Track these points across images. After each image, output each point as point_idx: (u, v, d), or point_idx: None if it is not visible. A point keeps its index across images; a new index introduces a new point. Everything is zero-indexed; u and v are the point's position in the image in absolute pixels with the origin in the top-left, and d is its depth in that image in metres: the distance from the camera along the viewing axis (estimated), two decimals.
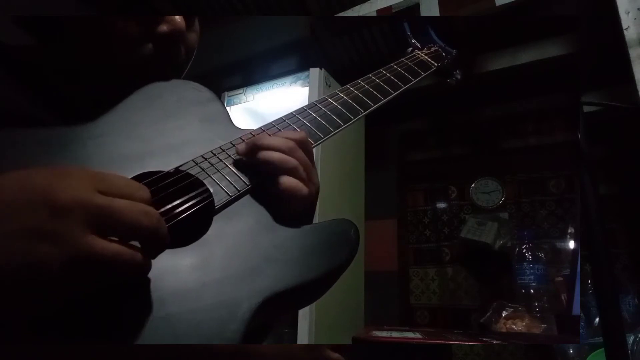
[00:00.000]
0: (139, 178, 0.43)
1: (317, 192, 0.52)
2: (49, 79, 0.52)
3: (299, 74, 1.91)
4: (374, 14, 1.62)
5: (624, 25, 1.11)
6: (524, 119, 2.05)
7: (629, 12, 1.12)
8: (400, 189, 2.24)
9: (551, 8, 1.61)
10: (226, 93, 2.08)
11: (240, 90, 2.06)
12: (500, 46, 1.92)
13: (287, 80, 1.94)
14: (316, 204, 0.52)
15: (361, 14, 1.66)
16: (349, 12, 1.72)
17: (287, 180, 0.47)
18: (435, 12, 1.54)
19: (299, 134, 0.51)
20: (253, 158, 0.48)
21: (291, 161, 0.47)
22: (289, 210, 0.47)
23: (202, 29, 0.61)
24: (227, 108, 2.03)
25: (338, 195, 1.89)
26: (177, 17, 0.55)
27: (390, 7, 1.60)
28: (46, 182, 0.31)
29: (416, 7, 1.58)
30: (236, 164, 0.49)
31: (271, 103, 1.94)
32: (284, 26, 2.01)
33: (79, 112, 0.48)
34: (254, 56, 2.13)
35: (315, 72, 1.84)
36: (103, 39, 0.51)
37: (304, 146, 0.50)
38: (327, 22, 1.97)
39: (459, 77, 0.88)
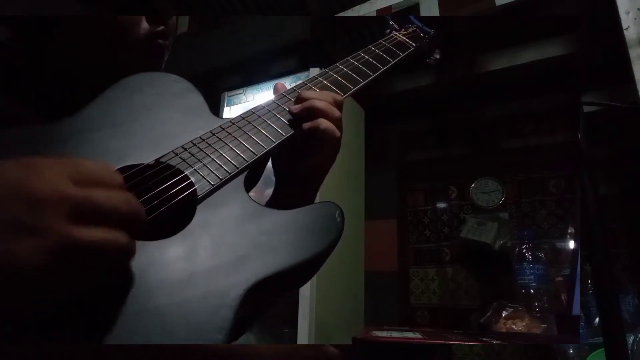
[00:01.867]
0: (119, 172, 0.43)
1: (339, 148, 0.58)
2: (31, 78, 0.52)
3: (299, 74, 1.91)
4: (374, 14, 1.62)
5: (624, 25, 1.11)
6: (524, 119, 2.05)
7: (629, 12, 1.12)
8: (400, 189, 2.24)
9: (551, 8, 1.61)
10: (226, 93, 2.08)
11: (240, 90, 2.06)
12: (500, 46, 1.92)
13: (287, 80, 1.94)
14: (334, 161, 0.59)
15: (361, 14, 1.67)
16: (349, 12, 1.72)
17: (325, 122, 0.54)
18: (435, 12, 1.54)
19: (336, 94, 0.58)
20: (304, 106, 0.55)
21: (336, 111, 0.55)
22: (318, 155, 0.56)
23: (202, 29, 0.62)
24: (227, 108, 2.04)
25: (338, 195, 1.89)
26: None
27: (390, 7, 1.60)
28: (20, 176, 0.30)
29: (416, 7, 1.58)
30: (217, 152, 0.49)
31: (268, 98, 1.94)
32: (284, 26, 2.01)
33: (63, 109, 0.48)
34: (254, 56, 2.13)
35: (315, 72, 1.83)
36: (89, 36, 0.51)
37: (339, 106, 0.57)
38: (327, 22, 1.97)
39: (438, 57, 0.88)
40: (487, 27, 1.82)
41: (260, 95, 2.00)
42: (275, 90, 0.61)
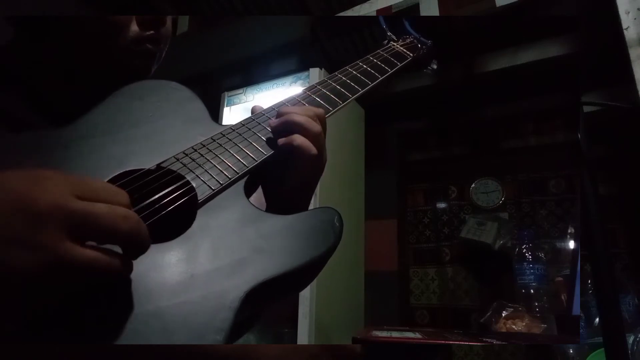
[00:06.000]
0: (120, 177, 0.44)
1: (325, 163, 0.55)
2: (29, 80, 0.52)
3: (299, 74, 1.91)
4: (374, 14, 1.62)
5: (624, 25, 1.11)
6: (524, 119, 2.05)
7: (629, 12, 1.12)
8: (400, 189, 2.24)
9: (551, 8, 1.61)
10: (226, 93, 2.08)
11: (240, 90, 2.06)
12: (500, 46, 1.92)
13: (287, 80, 1.94)
14: (320, 175, 0.56)
15: (361, 14, 1.67)
16: (349, 12, 1.72)
17: (300, 139, 0.51)
18: (435, 12, 1.54)
19: (317, 108, 0.56)
20: (282, 120, 0.53)
21: (316, 125, 0.52)
22: (295, 175, 0.52)
23: (202, 29, 0.62)
24: (227, 108, 2.04)
25: (338, 195, 1.89)
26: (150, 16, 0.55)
27: (390, 7, 1.60)
28: (21, 188, 0.30)
29: (416, 7, 1.58)
30: (218, 158, 0.49)
31: (271, 103, 1.94)
32: (284, 26, 2.01)
33: (60, 113, 0.48)
34: (254, 56, 2.13)
35: (315, 72, 1.84)
36: (86, 36, 0.51)
37: (322, 120, 0.55)
38: (327, 22, 1.97)
39: (435, 67, 0.89)
40: (487, 27, 1.82)
41: (260, 95, 1.99)
42: (253, 111, 0.59)
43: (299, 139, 0.51)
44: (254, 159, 0.51)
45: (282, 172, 0.53)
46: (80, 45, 0.52)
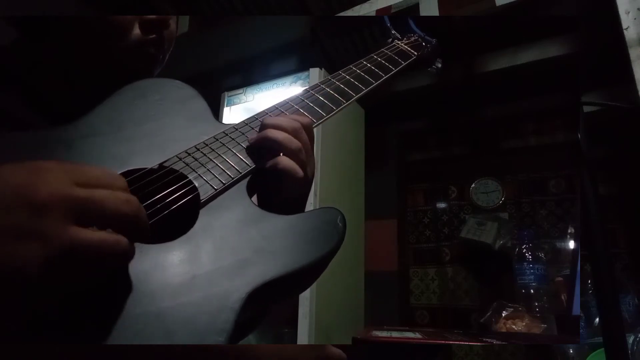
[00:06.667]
0: (122, 176, 0.43)
1: (313, 177, 0.53)
2: (28, 80, 0.52)
3: (299, 74, 1.91)
4: (374, 14, 1.62)
5: (624, 25, 1.11)
6: (524, 119, 2.05)
7: (629, 12, 1.12)
8: (400, 189, 2.24)
9: (551, 8, 1.61)
10: (226, 93, 2.08)
11: (240, 90, 2.06)
12: (500, 46, 1.92)
13: (287, 80, 1.94)
14: (310, 188, 0.54)
15: (361, 14, 1.66)
16: (349, 12, 1.72)
17: (285, 161, 0.49)
18: (435, 12, 1.54)
19: (303, 117, 0.54)
20: (259, 137, 0.50)
21: (295, 142, 0.50)
22: (284, 192, 0.50)
23: (202, 29, 0.61)
24: (227, 108, 2.04)
25: (338, 195, 1.89)
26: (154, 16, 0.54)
27: (390, 7, 1.60)
28: (22, 179, 0.30)
29: (416, 7, 1.58)
30: (221, 157, 0.49)
31: (271, 103, 1.94)
32: (284, 26, 2.01)
33: (60, 113, 0.48)
34: (254, 56, 2.13)
35: (315, 72, 1.84)
36: (87, 37, 0.51)
37: (307, 129, 0.52)
38: (327, 22, 1.97)
39: (439, 65, 0.89)
40: (487, 27, 1.82)
41: (260, 95, 2.00)
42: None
43: (283, 162, 0.49)
44: None
45: (271, 185, 0.51)
46: (81, 45, 0.52)
